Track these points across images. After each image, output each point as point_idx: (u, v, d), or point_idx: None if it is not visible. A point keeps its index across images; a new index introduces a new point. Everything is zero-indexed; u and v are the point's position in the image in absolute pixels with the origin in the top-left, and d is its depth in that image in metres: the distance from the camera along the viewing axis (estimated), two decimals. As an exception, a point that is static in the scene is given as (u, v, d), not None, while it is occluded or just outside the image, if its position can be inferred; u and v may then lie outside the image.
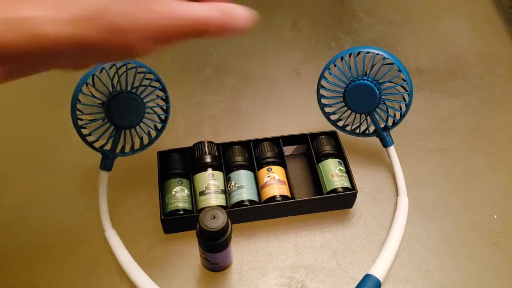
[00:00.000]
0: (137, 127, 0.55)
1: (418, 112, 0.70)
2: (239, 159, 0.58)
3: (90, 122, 0.53)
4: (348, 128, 0.62)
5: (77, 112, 0.52)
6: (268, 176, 0.56)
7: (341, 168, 0.58)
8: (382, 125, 0.60)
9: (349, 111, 0.59)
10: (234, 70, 0.77)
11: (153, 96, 0.55)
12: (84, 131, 0.53)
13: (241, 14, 0.32)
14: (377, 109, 0.58)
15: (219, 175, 0.56)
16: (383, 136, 0.60)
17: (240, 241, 0.55)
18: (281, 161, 0.59)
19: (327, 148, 0.59)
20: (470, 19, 0.88)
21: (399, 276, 0.52)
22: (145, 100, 0.54)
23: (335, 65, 0.57)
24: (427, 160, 0.64)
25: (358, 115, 0.60)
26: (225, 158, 0.59)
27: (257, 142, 0.60)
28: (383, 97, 0.57)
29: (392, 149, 0.60)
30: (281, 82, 0.75)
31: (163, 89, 0.56)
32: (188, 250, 0.54)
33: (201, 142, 0.57)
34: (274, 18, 0.88)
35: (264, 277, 0.52)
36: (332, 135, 0.61)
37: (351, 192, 0.55)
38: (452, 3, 0.93)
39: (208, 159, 0.56)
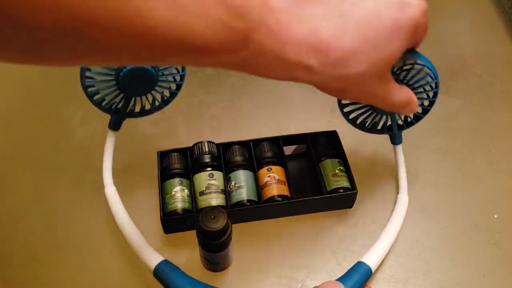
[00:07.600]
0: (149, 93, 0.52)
1: (418, 112, 0.70)
2: (239, 159, 0.58)
3: (101, 90, 0.49)
4: (359, 122, 0.55)
5: (87, 74, 0.48)
6: (268, 176, 0.56)
7: (341, 168, 0.58)
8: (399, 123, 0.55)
9: (370, 111, 0.53)
10: (234, 70, 0.77)
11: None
12: (91, 89, 0.49)
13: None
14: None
15: (219, 175, 0.56)
16: (397, 134, 0.56)
17: (240, 241, 0.55)
18: (281, 161, 0.59)
19: (327, 148, 0.59)
20: (470, 19, 0.88)
21: (399, 276, 0.52)
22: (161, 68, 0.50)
23: None
24: (428, 160, 0.64)
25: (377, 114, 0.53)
26: (225, 158, 0.59)
27: (257, 142, 0.60)
28: None
29: (400, 147, 0.57)
30: (281, 82, 0.75)
31: None
32: (188, 250, 0.54)
33: (201, 142, 0.57)
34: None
35: (264, 277, 0.52)
36: (332, 135, 0.61)
37: (351, 192, 0.55)
38: (452, 3, 0.93)
39: (208, 159, 0.56)
